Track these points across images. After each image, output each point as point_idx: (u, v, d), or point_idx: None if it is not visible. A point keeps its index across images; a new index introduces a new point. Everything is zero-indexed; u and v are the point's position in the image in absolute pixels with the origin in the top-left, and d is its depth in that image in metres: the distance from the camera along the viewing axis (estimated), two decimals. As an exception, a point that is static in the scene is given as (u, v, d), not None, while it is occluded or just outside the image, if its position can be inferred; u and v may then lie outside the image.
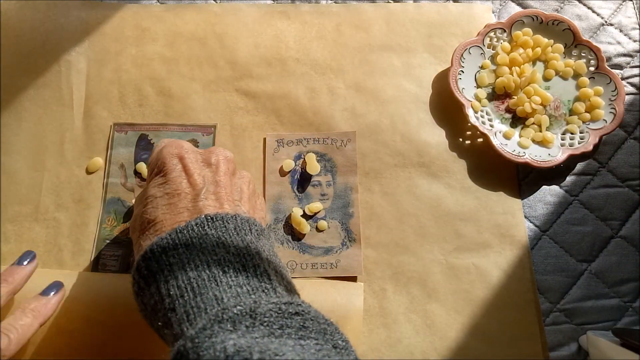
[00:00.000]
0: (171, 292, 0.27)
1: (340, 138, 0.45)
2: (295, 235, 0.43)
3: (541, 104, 0.46)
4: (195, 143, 0.45)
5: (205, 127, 0.45)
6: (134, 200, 0.42)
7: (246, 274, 0.28)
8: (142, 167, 0.44)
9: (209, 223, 0.30)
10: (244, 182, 0.35)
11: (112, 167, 0.44)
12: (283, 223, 0.43)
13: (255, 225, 0.32)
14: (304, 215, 0.43)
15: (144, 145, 0.45)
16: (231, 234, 0.30)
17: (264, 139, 0.45)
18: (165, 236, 0.29)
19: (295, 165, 0.44)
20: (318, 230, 0.43)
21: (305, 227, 0.42)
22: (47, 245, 0.42)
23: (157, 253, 0.29)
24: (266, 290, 0.27)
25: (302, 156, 0.45)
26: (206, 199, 0.31)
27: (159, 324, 0.28)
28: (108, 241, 0.41)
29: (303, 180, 0.44)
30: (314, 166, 0.44)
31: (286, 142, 0.45)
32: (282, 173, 0.44)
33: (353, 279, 0.42)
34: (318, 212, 0.43)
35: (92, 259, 0.41)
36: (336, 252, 0.42)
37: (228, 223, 0.30)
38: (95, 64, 0.47)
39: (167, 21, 0.49)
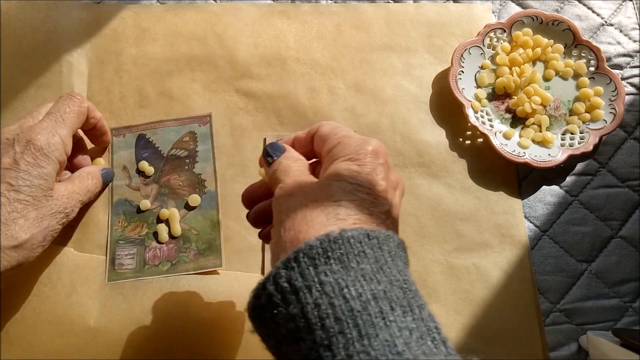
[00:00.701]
0: (326, 324, 0.21)
1: None
2: None
3: (541, 104, 0.46)
4: (193, 135, 0.45)
5: (201, 118, 0.46)
6: (144, 201, 0.43)
7: (412, 314, 0.23)
8: (144, 166, 0.44)
9: (366, 240, 0.24)
10: (399, 196, 0.30)
11: (115, 171, 0.44)
12: None
13: (405, 249, 0.27)
14: None
15: (143, 144, 0.45)
16: (387, 258, 0.24)
17: (264, 139, 0.45)
18: (314, 243, 0.23)
19: None
20: None
21: None
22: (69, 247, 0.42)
23: (304, 261, 0.23)
24: (434, 341, 0.22)
25: None
26: (387, 219, 0.27)
27: (296, 357, 0.22)
28: (121, 242, 0.42)
29: None
30: None
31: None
32: None
33: None
34: None
35: (107, 261, 0.41)
36: None
37: (388, 243, 0.25)
38: (96, 64, 0.47)
39: (167, 21, 0.49)
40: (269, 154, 0.31)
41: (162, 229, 0.42)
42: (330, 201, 0.26)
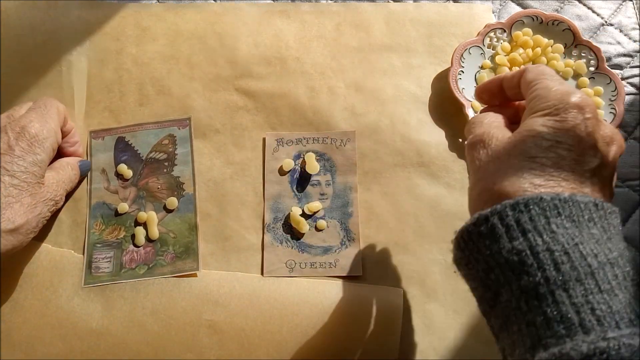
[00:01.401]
0: (561, 268, 0.22)
1: (340, 137, 0.45)
2: (294, 234, 0.43)
3: None
4: (172, 138, 0.45)
5: (180, 121, 0.46)
6: (122, 204, 0.43)
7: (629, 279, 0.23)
8: (123, 169, 0.44)
9: (594, 209, 0.25)
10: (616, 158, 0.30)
11: (93, 174, 0.44)
12: (282, 222, 0.43)
13: (617, 219, 0.27)
14: (303, 215, 0.43)
15: (122, 147, 0.45)
16: (612, 231, 0.25)
17: (264, 139, 0.45)
18: (547, 197, 0.24)
19: (295, 164, 0.44)
20: (317, 229, 0.43)
21: (305, 226, 0.42)
22: (47, 244, 0.42)
23: (535, 209, 0.24)
24: None
25: (302, 156, 0.45)
26: (594, 176, 0.27)
27: (514, 291, 0.23)
28: (99, 245, 0.42)
29: (302, 180, 0.44)
30: (313, 166, 0.44)
31: (286, 142, 0.45)
32: (282, 172, 0.44)
33: (352, 278, 0.42)
34: (317, 211, 0.43)
35: (84, 264, 0.41)
36: (335, 251, 0.42)
37: (613, 217, 0.26)
38: (96, 63, 0.47)
39: (168, 20, 0.49)
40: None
41: (140, 232, 0.42)
42: (526, 156, 0.26)
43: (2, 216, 0.32)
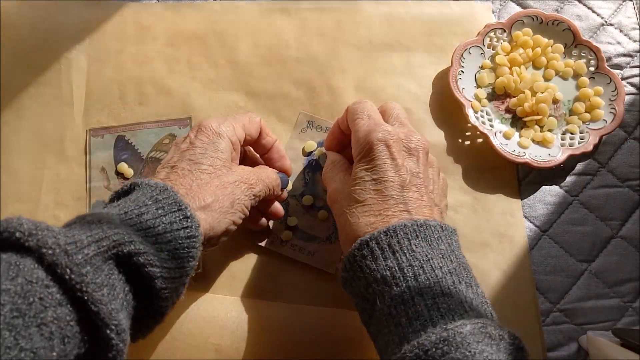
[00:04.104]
0: (419, 279, 0.29)
1: None
2: (288, 212, 0.43)
3: (546, 102, 0.45)
4: (173, 137, 0.45)
5: (181, 120, 0.46)
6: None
7: (472, 289, 0.30)
8: (123, 168, 0.44)
9: (438, 231, 0.32)
10: (435, 173, 0.37)
11: (93, 172, 0.44)
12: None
13: (456, 236, 0.34)
14: (301, 206, 0.44)
15: (122, 146, 0.45)
16: (454, 244, 0.32)
17: (299, 114, 0.46)
18: (409, 224, 0.31)
19: (313, 151, 0.45)
20: (319, 219, 0.43)
21: (293, 221, 0.43)
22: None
23: (400, 234, 0.30)
24: (487, 309, 0.30)
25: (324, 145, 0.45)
26: (409, 191, 0.33)
27: (386, 300, 0.29)
28: None
29: (315, 168, 0.45)
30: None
31: (316, 126, 0.46)
32: (303, 152, 0.45)
33: (328, 274, 0.41)
34: (310, 204, 0.44)
35: None
36: (319, 242, 0.42)
37: (454, 234, 0.33)
38: (96, 62, 0.47)
39: (168, 20, 0.49)
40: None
41: None
42: (358, 203, 0.33)
43: (193, 197, 0.32)
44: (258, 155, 0.42)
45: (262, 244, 0.42)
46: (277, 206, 0.41)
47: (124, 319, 0.26)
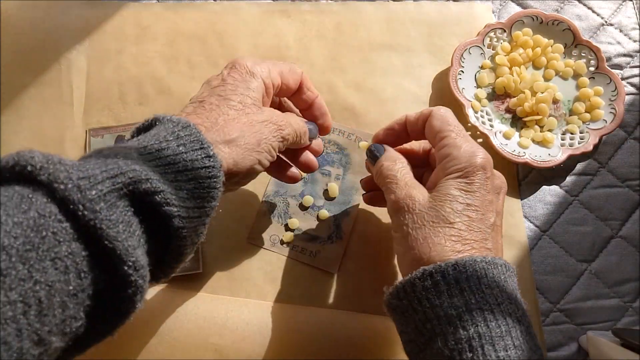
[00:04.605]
0: (490, 325, 0.27)
1: (365, 138, 0.45)
2: (288, 213, 0.43)
3: (547, 102, 0.45)
4: None
5: None
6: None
7: (535, 341, 0.28)
8: None
9: (504, 272, 0.30)
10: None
11: None
12: (282, 197, 0.44)
13: (516, 277, 0.32)
14: (300, 206, 0.44)
15: None
16: (513, 285, 0.30)
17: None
18: (478, 259, 0.29)
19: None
20: (319, 218, 0.43)
21: (295, 223, 0.43)
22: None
23: (470, 270, 0.28)
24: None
25: (323, 143, 0.45)
26: (493, 230, 0.32)
27: (449, 342, 0.27)
28: None
29: None
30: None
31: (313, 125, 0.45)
32: None
33: (330, 275, 0.42)
34: (309, 205, 0.44)
35: None
36: (320, 243, 0.42)
37: (513, 276, 0.31)
38: (96, 62, 0.47)
39: (168, 20, 0.49)
40: (373, 154, 0.37)
41: None
42: (446, 223, 0.31)
43: (217, 131, 0.31)
44: (297, 110, 0.40)
45: (263, 245, 0.42)
46: (310, 157, 0.39)
47: (141, 255, 0.25)
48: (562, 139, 0.45)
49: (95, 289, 0.24)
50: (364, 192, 0.41)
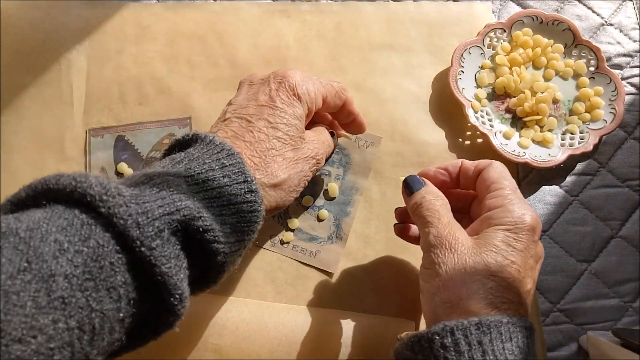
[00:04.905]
0: None
1: (365, 139, 0.45)
2: (288, 213, 0.43)
3: (547, 102, 0.45)
4: (173, 137, 0.45)
5: (181, 120, 0.46)
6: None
7: None
8: (123, 168, 0.44)
9: (528, 334, 0.29)
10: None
11: (92, 172, 0.44)
12: None
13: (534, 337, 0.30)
14: (301, 206, 0.44)
15: (122, 146, 0.45)
16: (534, 350, 0.29)
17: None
18: (505, 320, 0.28)
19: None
20: (319, 218, 0.43)
21: (295, 223, 0.43)
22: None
23: (494, 332, 0.27)
24: None
25: None
26: (528, 296, 0.31)
27: None
28: None
29: None
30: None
31: None
32: None
33: (329, 275, 0.42)
34: (309, 205, 0.44)
35: None
36: (320, 243, 0.42)
37: (533, 336, 0.30)
38: (96, 62, 0.47)
39: (168, 20, 0.49)
40: (409, 186, 0.35)
41: None
42: (487, 273, 0.29)
43: (264, 170, 0.30)
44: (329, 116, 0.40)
45: (263, 245, 0.42)
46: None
47: (186, 287, 0.26)
48: (562, 139, 0.45)
49: (140, 315, 0.25)
50: (397, 222, 0.39)
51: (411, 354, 0.29)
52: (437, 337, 0.27)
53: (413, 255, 0.42)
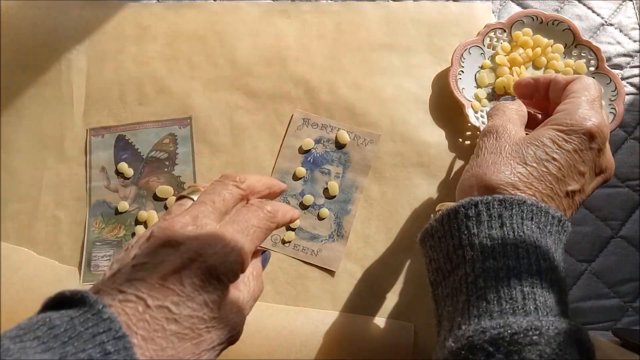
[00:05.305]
0: (522, 262, 0.27)
1: (364, 136, 0.45)
2: None
3: None
4: (173, 137, 0.45)
5: (181, 120, 0.46)
6: (122, 202, 0.43)
7: (566, 297, 0.28)
8: (124, 167, 0.44)
9: (555, 223, 0.29)
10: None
11: (93, 172, 0.44)
12: (282, 197, 0.44)
13: (565, 236, 0.31)
14: (301, 205, 0.44)
15: (122, 145, 0.45)
16: (559, 244, 0.30)
17: (292, 115, 0.46)
18: (529, 201, 0.28)
19: (313, 147, 0.45)
20: (319, 217, 0.43)
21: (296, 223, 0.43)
22: (46, 243, 0.42)
23: (516, 208, 0.28)
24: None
25: (322, 141, 0.45)
26: (565, 197, 0.31)
27: (476, 269, 0.27)
28: (98, 243, 0.42)
29: (315, 165, 0.45)
30: (343, 137, 0.45)
31: (311, 123, 0.46)
32: (300, 151, 0.45)
33: (331, 273, 0.42)
34: (311, 203, 0.44)
35: (83, 262, 0.41)
36: (321, 241, 0.43)
37: (565, 233, 0.30)
38: (96, 62, 0.47)
39: (168, 20, 0.49)
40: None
41: (140, 231, 0.42)
42: (520, 161, 0.30)
43: None
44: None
45: (264, 245, 0.42)
46: None
47: None
48: (562, 139, 0.45)
49: None
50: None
51: (439, 226, 0.30)
52: (462, 209, 0.29)
53: (414, 255, 0.42)
